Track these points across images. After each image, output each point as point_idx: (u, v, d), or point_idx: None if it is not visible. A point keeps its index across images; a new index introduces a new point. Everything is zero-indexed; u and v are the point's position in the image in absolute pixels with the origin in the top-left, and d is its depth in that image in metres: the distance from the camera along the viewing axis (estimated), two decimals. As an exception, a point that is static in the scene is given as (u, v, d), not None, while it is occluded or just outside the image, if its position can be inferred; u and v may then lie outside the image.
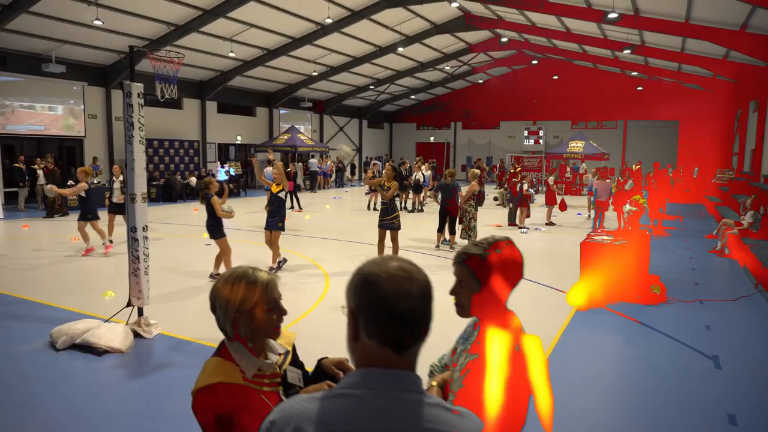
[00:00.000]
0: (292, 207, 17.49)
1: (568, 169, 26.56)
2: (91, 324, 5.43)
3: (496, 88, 35.89)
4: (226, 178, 22.73)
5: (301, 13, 19.28)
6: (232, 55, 21.01)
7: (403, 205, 17.31)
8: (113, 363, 4.96)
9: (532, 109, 34.95)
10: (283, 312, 1.74)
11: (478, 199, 11.06)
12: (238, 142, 27.06)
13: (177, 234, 12.63)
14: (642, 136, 32.30)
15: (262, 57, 22.64)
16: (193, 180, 21.12)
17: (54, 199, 14.91)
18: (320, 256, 10.00)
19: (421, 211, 17.55)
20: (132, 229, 5.60)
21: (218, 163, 24.17)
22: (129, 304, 5.75)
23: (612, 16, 14.59)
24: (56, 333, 5.30)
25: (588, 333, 6.08)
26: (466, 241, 11.02)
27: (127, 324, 5.57)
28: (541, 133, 34.83)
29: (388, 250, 8.82)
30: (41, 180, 16.96)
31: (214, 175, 22.65)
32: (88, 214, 9.87)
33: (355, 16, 20.24)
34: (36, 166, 16.78)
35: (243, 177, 24.61)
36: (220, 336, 1.79)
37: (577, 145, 25.91)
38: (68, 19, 15.96)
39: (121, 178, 10.77)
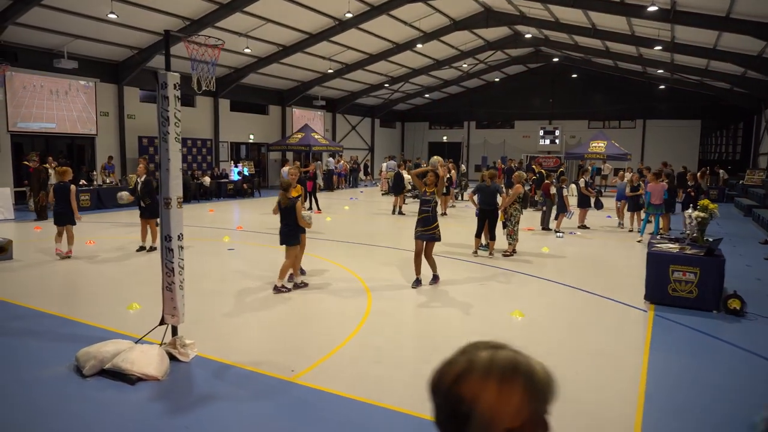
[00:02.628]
0: (310, 208, 16.86)
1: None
2: (122, 345, 4.80)
3: (511, 87, 35.16)
4: (240, 178, 22.16)
5: (320, 7, 18.64)
6: (247, 51, 20.40)
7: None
8: (150, 393, 4.32)
9: (547, 108, 34.23)
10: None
11: (524, 201, 10.40)
12: (251, 140, 26.46)
13: (196, 238, 12.00)
14: (661, 136, 31.52)
15: (277, 54, 22.02)
16: (207, 180, 20.52)
17: (39, 200, 13.96)
18: (351, 262, 9.35)
19: (444, 214, 16.86)
20: (166, 238, 4.97)
21: (231, 162, 23.59)
22: (162, 322, 5.13)
23: (652, 9, 13.88)
24: (83, 356, 4.67)
25: (676, 356, 5.39)
26: (506, 246, 10.37)
27: (161, 345, 4.95)
28: (557, 132, 34.10)
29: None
30: (53, 179, 16.38)
31: (250, 176, 22.05)
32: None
33: (374, 11, 19.58)
34: (48, 165, 16.20)
35: (256, 177, 23.99)
36: (265, 359, 1.15)
37: (598, 145, 25.17)
38: (81, 13, 15.38)
39: (143, 177, 10.15)
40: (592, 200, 14.25)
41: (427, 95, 35.19)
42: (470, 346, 1.09)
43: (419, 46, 23.71)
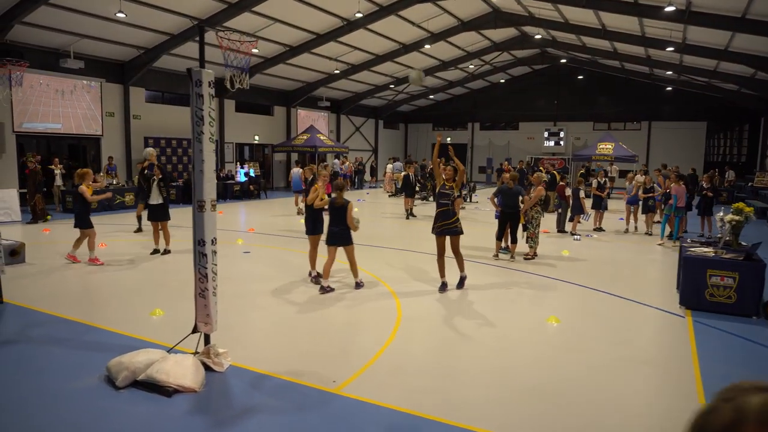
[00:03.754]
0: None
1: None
2: (155, 355, 4.59)
3: (516, 88, 35.03)
4: (246, 179, 21.94)
5: (329, 7, 18.46)
6: (255, 51, 20.13)
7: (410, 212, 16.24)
8: (188, 406, 4.11)
9: (552, 109, 34.09)
10: None
11: (545, 204, 10.21)
12: (256, 141, 26.24)
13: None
14: (666, 138, 31.40)
15: (284, 54, 21.82)
16: (214, 181, 20.25)
17: (35, 203, 13.61)
18: (372, 265, 9.14)
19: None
20: (200, 242, 4.77)
21: (237, 163, 23.36)
22: (195, 330, 4.92)
23: (669, 9, 13.72)
24: (115, 367, 4.46)
25: (727, 365, 5.19)
26: (527, 250, 10.19)
27: (195, 355, 4.74)
28: (561, 134, 33.95)
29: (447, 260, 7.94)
30: (58, 181, 16.17)
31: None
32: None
33: (382, 11, 19.40)
34: (53, 166, 15.98)
35: (263, 178, 23.75)
36: (302, 368, 1.00)
37: (606, 147, 25.01)
38: (90, 12, 15.16)
39: (160, 176, 9.94)
40: (605, 201, 14.09)
41: (431, 96, 35.02)
42: (731, 389, 0.90)
43: (427, 46, 23.54)
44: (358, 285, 7.64)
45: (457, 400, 4.30)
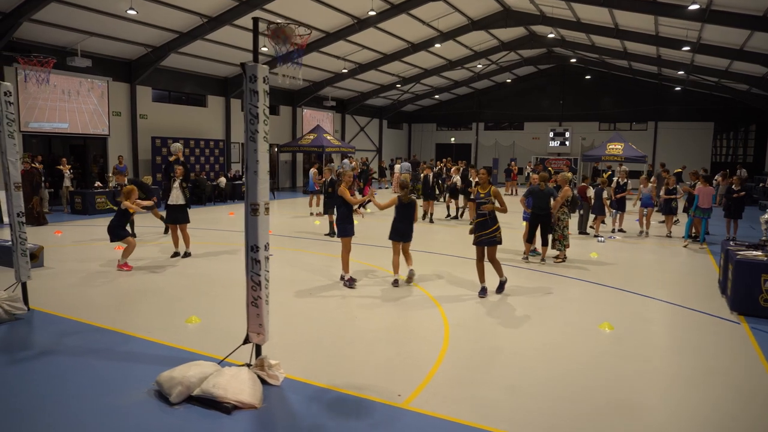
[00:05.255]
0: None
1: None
2: (207, 368, 4.32)
3: (521, 88, 34.85)
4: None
5: (341, 6, 18.20)
6: (264, 50, 19.84)
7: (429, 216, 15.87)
8: (251, 425, 3.83)
9: (557, 109, 33.93)
10: None
11: (572, 205, 9.98)
12: (262, 142, 25.89)
13: (229, 242, 11.50)
14: (673, 138, 31.29)
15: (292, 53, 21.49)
16: (223, 180, 19.98)
17: (33, 206, 13.16)
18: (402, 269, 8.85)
19: (461, 217, 16.36)
20: (252, 248, 4.49)
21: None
22: (246, 341, 4.64)
23: (693, 8, 13.53)
24: (167, 381, 4.17)
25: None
26: (556, 253, 9.95)
27: (250, 367, 4.46)
28: (567, 134, 33.79)
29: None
30: (67, 182, 15.83)
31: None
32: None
33: (393, 9, 19.14)
34: (62, 167, 15.64)
35: (271, 179, 23.42)
36: (359, 380, 0.86)
37: (615, 147, 24.83)
38: (99, 9, 14.84)
39: (181, 177, 9.64)
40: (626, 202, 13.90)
41: (436, 96, 34.80)
42: None
43: (437, 45, 23.29)
44: (412, 272, 7.92)
45: (528, 414, 4.05)
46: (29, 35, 15.44)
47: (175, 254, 9.69)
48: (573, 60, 29.45)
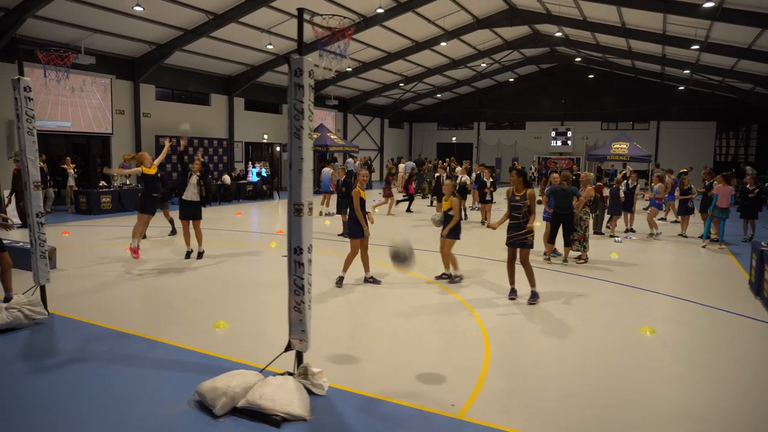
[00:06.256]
0: (408, 209, 17.99)
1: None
2: (250, 378, 4.10)
3: (522, 87, 34.73)
4: (258, 179, 21.38)
5: (347, 3, 17.97)
6: (270, 47, 19.64)
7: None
8: (305, 439, 3.63)
9: (559, 109, 33.83)
10: None
11: (594, 205, 9.81)
12: (265, 140, 25.65)
13: (242, 243, 11.26)
14: (675, 138, 31.26)
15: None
16: (227, 179, 19.70)
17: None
18: (427, 272, 8.67)
19: (489, 225, 16.12)
20: (296, 250, 4.27)
21: (250, 162, 22.79)
22: (288, 348, 4.43)
23: (707, 5, 13.40)
24: (210, 392, 3.95)
25: None
26: (578, 254, 9.78)
27: (295, 376, 4.25)
28: (569, 134, 33.70)
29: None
30: (71, 181, 15.53)
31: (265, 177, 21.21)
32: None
33: (400, 7, 18.93)
34: (65, 166, 15.34)
35: (275, 178, 23.21)
36: (408, 388, 0.69)
37: (621, 147, 24.72)
38: (106, 6, 14.54)
39: (199, 173, 9.43)
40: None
41: (438, 95, 34.61)
42: None
43: (443, 44, 23.09)
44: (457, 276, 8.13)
45: (590, 424, 3.86)
46: (33, 32, 15.14)
47: (189, 253, 9.45)
48: (578, 59, 29.33)
